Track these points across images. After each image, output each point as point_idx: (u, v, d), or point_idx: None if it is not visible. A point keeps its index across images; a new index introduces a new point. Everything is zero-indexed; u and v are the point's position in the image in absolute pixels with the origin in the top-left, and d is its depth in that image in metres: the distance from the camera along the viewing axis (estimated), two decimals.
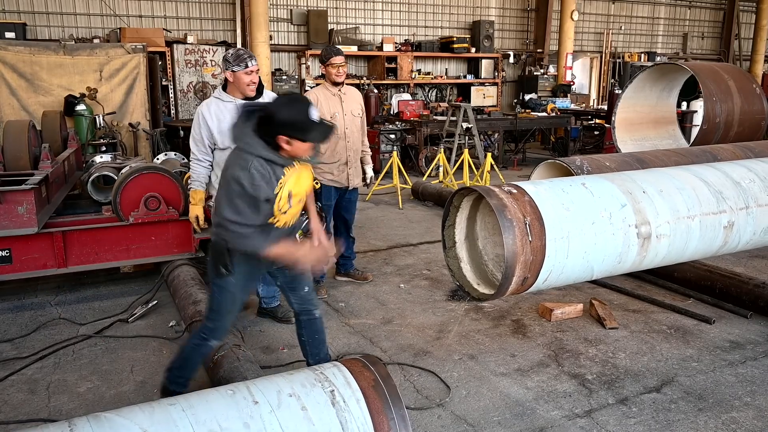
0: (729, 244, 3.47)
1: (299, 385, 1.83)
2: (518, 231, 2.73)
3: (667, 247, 3.18)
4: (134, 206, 4.69)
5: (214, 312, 2.93)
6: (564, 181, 3.19)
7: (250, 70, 3.84)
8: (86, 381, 3.51)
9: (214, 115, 3.89)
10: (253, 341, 4.02)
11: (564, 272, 2.94)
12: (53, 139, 6.45)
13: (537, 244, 2.78)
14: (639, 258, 3.14)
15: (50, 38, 10.95)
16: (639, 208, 3.12)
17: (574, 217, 2.93)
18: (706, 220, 3.27)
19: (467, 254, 3.22)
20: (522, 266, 2.75)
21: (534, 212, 2.84)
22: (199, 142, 3.93)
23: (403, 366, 3.67)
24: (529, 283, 2.89)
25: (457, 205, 3.14)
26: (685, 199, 3.25)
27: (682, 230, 3.21)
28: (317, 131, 2.57)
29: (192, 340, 3.04)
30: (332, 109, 4.79)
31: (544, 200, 2.91)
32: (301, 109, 2.53)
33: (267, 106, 2.61)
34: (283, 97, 2.67)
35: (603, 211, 3.01)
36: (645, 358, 3.78)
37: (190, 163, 4.05)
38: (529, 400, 3.30)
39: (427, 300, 4.69)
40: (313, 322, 3.17)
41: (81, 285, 5.06)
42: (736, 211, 3.40)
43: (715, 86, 8.35)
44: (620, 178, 3.28)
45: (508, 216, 2.73)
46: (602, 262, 3.02)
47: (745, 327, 4.21)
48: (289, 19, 13.22)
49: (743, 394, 3.35)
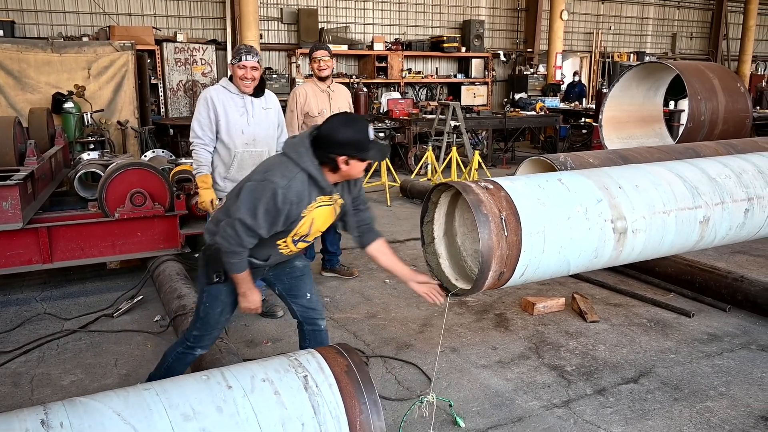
0: (705, 239, 3.52)
1: (273, 371, 1.87)
2: (494, 226, 2.77)
3: (643, 242, 3.23)
4: (120, 202, 4.70)
5: (201, 320, 2.76)
6: (541, 176, 3.24)
7: (242, 65, 3.84)
8: (70, 374, 3.53)
9: (222, 102, 3.91)
10: (237, 335, 4.05)
11: (540, 267, 2.98)
12: (40, 136, 6.44)
13: (513, 238, 2.82)
14: (615, 253, 3.18)
15: (39, 36, 10.93)
16: (615, 203, 3.16)
17: (550, 212, 2.97)
18: (682, 215, 3.32)
19: (446, 250, 3.24)
20: (498, 261, 2.79)
21: (510, 207, 2.87)
22: (206, 126, 3.90)
23: (385, 358, 3.71)
24: (506, 277, 2.92)
25: (435, 201, 3.17)
26: (660, 194, 3.30)
27: (658, 225, 3.25)
28: (375, 150, 2.46)
29: (176, 348, 2.87)
30: (320, 105, 4.82)
31: (521, 195, 2.95)
32: (361, 129, 2.43)
33: (325, 125, 2.47)
34: (342, 116, 2.52)
35: (579, 206, 3.05)
36: (624, 350, 3.83)
37: (192, 148, 3.97)
38: (508, 390, 3.34)
39: (411, 295, 4.72)
40: (318, 334, 2.93)
41: (67, 281, 5.07)
42: (712, 207, 3.45)
43: (700, 85, 8.44)
44: (597, 174, 3.33)
45: (483, 211, 2.77)
46: (578, 256, 3.06)
47: (723, 320, 4.28)
48: (279, 18, 13.24)
49: (719, 384, 3.41)
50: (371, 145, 2.46)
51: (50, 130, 6.77)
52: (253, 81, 3.89)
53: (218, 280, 2.65)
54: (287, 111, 4.88)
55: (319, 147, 2.45)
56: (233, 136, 3.93)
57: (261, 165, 2.59)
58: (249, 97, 3.96)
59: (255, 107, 3.99)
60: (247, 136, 3.96)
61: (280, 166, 2.44)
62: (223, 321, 2.82)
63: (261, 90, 4.02)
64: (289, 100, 4.89)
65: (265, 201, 2.37)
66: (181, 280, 4.27)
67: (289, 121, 4.83)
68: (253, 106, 3.98)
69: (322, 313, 2.99)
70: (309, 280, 2.95)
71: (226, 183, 3.99)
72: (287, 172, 2.40)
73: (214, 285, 2.67)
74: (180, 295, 4.00)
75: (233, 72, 3.89)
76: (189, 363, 2.90)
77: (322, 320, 2.97)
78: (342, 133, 2.41)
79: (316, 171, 2.44)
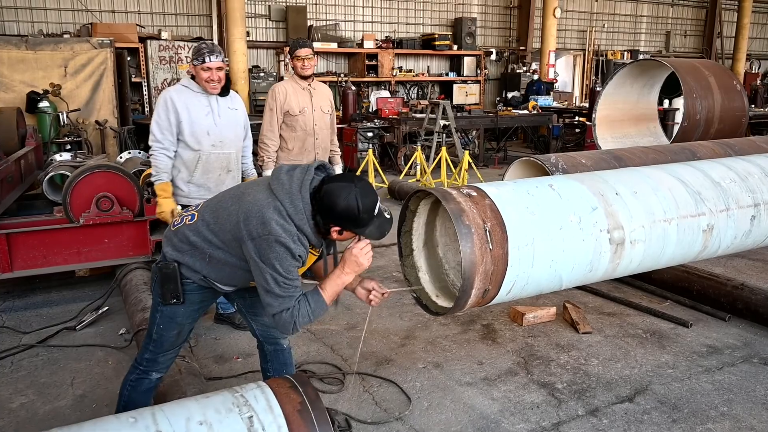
0: (709, 249, 3.26)
1: (213, 411, 1.61)
2: (477, 238, 2.51)
3: (641, 254, 2.97)
4: (85, 207, 4.43)
5: (154, 342, 2.50)
6: (529, 182, 2.98)
7: (207, 66, 3.61)
8: (21, 395, 3.26)
9: (184, 103, 3.64)
10: (206, 350, 3.79)
11: (529, 283, 2.71)
12: (9, 136, 6.16)
13: (498, 252, 2.56)
14: (612, 266, 2.92)
15: (19, 34, 10.61)
16: (611, 211, 2.90)
17: (540, 221, 2.70)
18: (684, 223, 3.06)
19: (426, 263, 2.97)
20: (482, 277, 2.53)
21: (495, 217, 2.61)
22: (166, 129, 3.63)
23: (363, 376, 3.46)
24: (491, 295, 2.66)
25: (413, 209, 2.91)
26: (660, 200, 3.03)
27: (658, 235, 2.99)
28: (374, 227, 2.23)
29: (129, 376, 2.58)
30: (301, 103, 4.57)
31: (507, 203, 2.69)
32: (367, 204, 2.17)
33: (330, 187, 2.18)
34: (349, 182, 2.20)
35: (572, 215, 2.79)
36: (618, 365, 3.59)
37: (151, 152, 3.68)
38: (494, 412, 3.10)
39: (394, 304, 4.48)
40: (280, 354, 2.71)
41: (31, 290, 4.80)
42: (717, 214, 3.19)
43: (696, 83, 8.22)
44: (591, 179, 3.07)
45: (465, 222, 2.51)
46: (571, 271, 2.80)
47: (723, 330, 4.05)
48: (267, 15, 12.97)
49: (720, 404, 3.17)
50: (373, 221, 2.21)
51: (21, 131, 6.48)
52: (219, 82, 3.65)
53: (175, 302, 2.39)
54: (266, 110, 4.62)
55: (318, 210, 2.19)
56: (198, 138, 3.67)
57: (245, 206, 2.22)
58: (213, 96, 3.70)
59: (221, 107, 3.74)
60: (213, 137, 3.70)
61: (274, 216, 2.15)
62: (180, 343, 2.57)
63: (226, 90, 3.77)
64: (268, 98, 4.63)
65: (286, 257, 2.17)
66: (147, 291, 4.00)
67: (269, 120, 4.58)
68: (219, 105, 3.73)
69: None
70: None
71: (190, 188, 3.73)
72: (286, 228, 2.15)
73: (171, 306, 2.41)
74: (145, 307, 3.73)
75: (196, 73, 3.63)
76: (149, 390, 2.60)
77: (285, 339, 2.73)
78: (344, 203, 2.14)
79: (310, 231, 2.21)
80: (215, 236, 2.29)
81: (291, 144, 4.63)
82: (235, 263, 2.30)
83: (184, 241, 2.35)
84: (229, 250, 2.28)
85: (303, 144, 4.64)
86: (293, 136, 4.61)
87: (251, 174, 4.19)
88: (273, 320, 2.24)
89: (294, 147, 4.64)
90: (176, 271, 2.34)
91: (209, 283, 2.40)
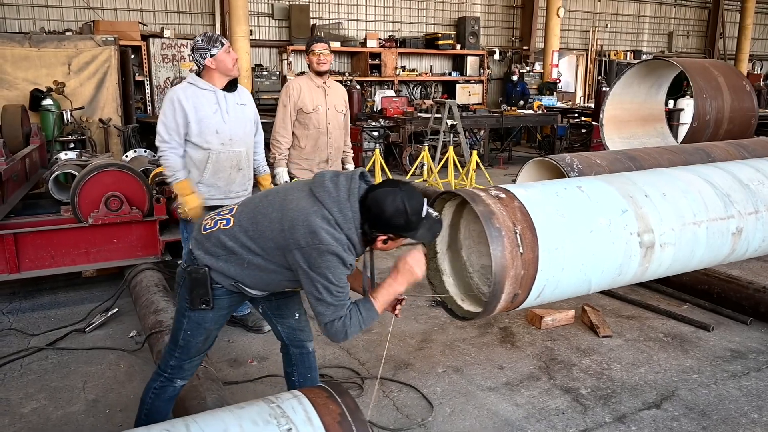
0: (737, 252, 3.19)
1: (250, 423, 1.53)
2: (507, 242, 2.43)
3: (671, 257, 2.89)
4: (94, 206, 4.34)
5: (180, 349, 2.41)
6: (557, 183, 2.90)
7: (229, 48, 3.55)
8: (32, 400, 3.17)
9: (191, 102, 3.52)
10: (219, 353, 3.70)
11: (559, 287, 2.63)
12: (13, 135, 6.07)
13: (529, 256, 2.48)
14: (641, 269, 2.84)
15: (21, 32, 10.49)
16: (641, 213, 2.82)
17: (570, 224, 2.62)
18: (714, 226, 2.98)
19: (450, 266, 2.90)
20: (512, 281, 2.45)
21: (525, 220, 2.53)
22: (173, 130, 3.51)
23: (382, 381, 3.38)
24: (520, 299, 2.58)
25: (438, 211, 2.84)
26: (690, 203, 2.96)
27: (688, 238, 2.91)
28: (425, 230, 2.16)
29: (152, 384, 2.49)
30: (315, 101, 4.48)
31: (536, 206, 2.61)
32: (414, 207, 2.11)
33: (376, 195, 2.13)
34: (394, 188, 2.13)
35: (602, 218, 2.71)
36: (642, 370, 3.52)
37: (160, 154, 3.57)
38: (519, 418, 3.02)
39: (409, 306, 4.40)
40: (305, 358, 2.64)
41: (38, 291, 4.70)
42: (745, 216, 3.11)
43: (705, 83, 8.15)
44: (619, 180, 2.99)
45: (496, 224, 2.42)
46: (601, 274, 2.72)
47: (745, 334, 3.97)
48: (270, 13, 12.87)
49: (749, 410, 3.10)
50: (422, 223, 2.15)
51: (25, 129, 6.40)
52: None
53: (204, 307, 2.30)
54: (279, 106, 4.53)
55: (366, 219, 2.14)
56: (207, 136, 3.54)
57: (290, 214, 2.15)
58: (221, 91, 3.59)
59: (229, 103, 3.61)
60: (222, 135, 3.59)
61: (323, 224, 2.09)
62: (206, 349, 2.49)
63: (234, 84, 3.66)
64: (282, 94, 4.53)
65: (338, 265, 2.12)
66: (159, 292, 3.91)
67: (282, 116, 4.48)
68: (226, 101, 3.60)
69: (311, 335, 2.68)
70: (298, 297, 2.63)
71: (200, 188, 3.63)
72: (336, 237, 2.10)
73: (199, 311, 2.32)
74: (157, 309, 3.65)
75: (219, 62, 3.49)
76: (172, 398, 2.52)
77: (311, 342, 2.67)
78: (391, 208, 2.09)
79: (357, 240, 2.16)
80: (254, 243, 2.21)
81: (303, 142, 4.53)
82: (274, 269, 2.23)
83: (219, 246, 2.25)
84: (269, 258, 2.21)
85: (315, 143, 4.55)
86: (306, 134, 4.52)
87: (264, 171, 4.09)
88: (324, 329, 2.18)
89: (306, 145, 4.54)
90: (207, 275, 2.25)
91: (239, 288, 2.32)
